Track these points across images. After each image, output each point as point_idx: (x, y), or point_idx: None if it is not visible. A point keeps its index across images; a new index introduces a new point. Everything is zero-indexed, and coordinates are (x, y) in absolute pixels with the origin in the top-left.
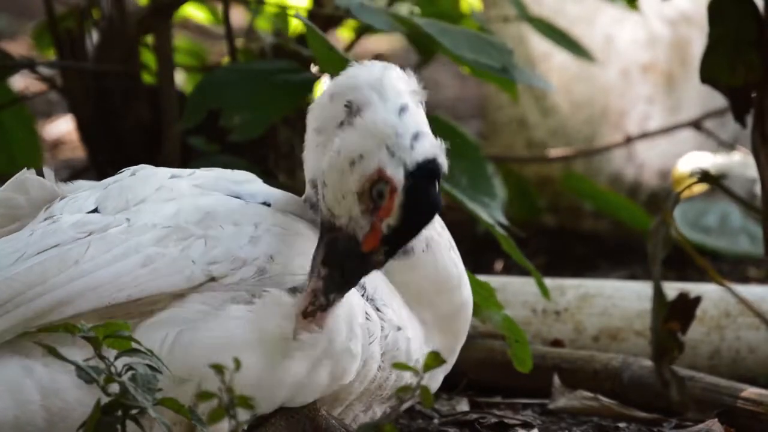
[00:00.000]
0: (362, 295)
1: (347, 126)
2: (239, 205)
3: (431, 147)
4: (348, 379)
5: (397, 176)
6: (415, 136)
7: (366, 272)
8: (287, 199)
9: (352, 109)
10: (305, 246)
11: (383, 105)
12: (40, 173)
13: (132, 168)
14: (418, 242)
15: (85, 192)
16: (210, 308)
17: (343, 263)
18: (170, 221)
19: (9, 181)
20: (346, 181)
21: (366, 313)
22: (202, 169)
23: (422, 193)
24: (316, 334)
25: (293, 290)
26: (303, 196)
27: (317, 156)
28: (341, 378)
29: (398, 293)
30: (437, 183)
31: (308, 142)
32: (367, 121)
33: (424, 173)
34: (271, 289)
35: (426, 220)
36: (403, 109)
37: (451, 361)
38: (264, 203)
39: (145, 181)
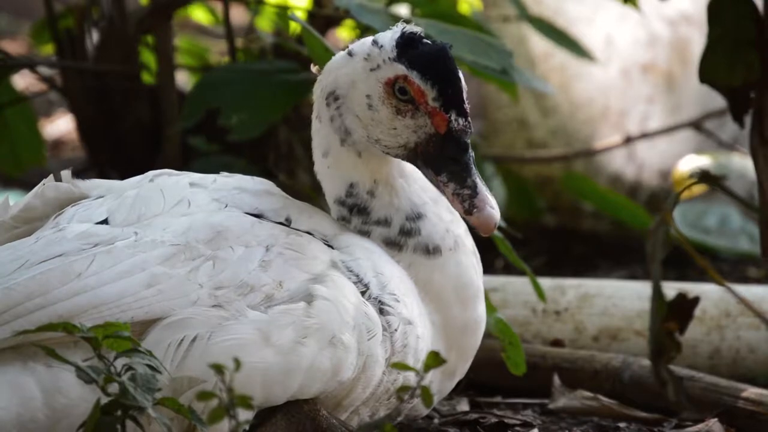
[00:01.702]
0: (363, 293)
1: (341, 106)
2: (253, 224)
3: (393, 32)
4: (346, 374)
5: (396, 69)
6: (374, 41)
7: (466, 145)
8: (309, 213)
9: (332, 97)
10: (317, 269)
11: (341, 68)
12: (54, 175)
13: (151, 173)
14: (446, 239)
15: (98, 200)
16: (227, 313)
17: (446, 158)
18: (179, 239)
19: (33, 190)
20: (382, 117)
21: (365, 312)
22: (223, 174)
23: (422, 52)
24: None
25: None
26: (336, 217)
27: (332, 178)
28: (339, 368)
29: (416, 290)
30: (423, 39)
31: (320, 170)
32: (346, 81)
33: (406, 43)
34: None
35: (448, 61)
36: (349, 51)
37: (452, 383)
38: (284, 221)
39: (162, 193)
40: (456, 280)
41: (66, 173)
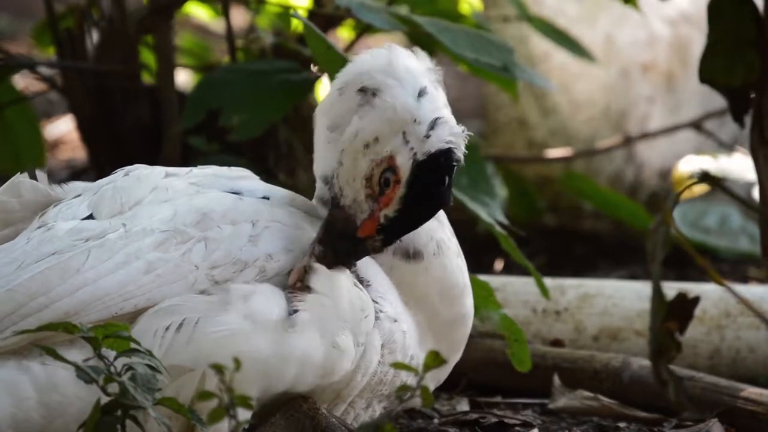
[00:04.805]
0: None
1: (366, 106)
2: (235, 202)
3: (449, 136)
4: (343, 371)
5: (404, 167)
6: (433, 124)
7: (359, 256)
8: (286, 194)
9: (367, 93)
10: (305, 239)
11: (401, 87)
12: (35, 175)
13: (126, 168)
14: (429, 245)
15: (78, 198)
16: (215, 298)
17: (336, 244)
18: (168, 225)
19: (4, 185)
20: (358, 164)
21: (359, 296)
22: (199, 167)
23: (426, 188)
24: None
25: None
26: (314, 195)
27: (329, 152)
28: (334, 368)
29: (396, 290)
30: (447, 177)
31: (319, 140)
32: (386, 103)
33: (433, 167)
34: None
35: (427, 215)
36: (422, 92)
37: (445, 372)
38: (264, 198)
39: (139, 181)
40: (442, 283)
41: (42, 176)
